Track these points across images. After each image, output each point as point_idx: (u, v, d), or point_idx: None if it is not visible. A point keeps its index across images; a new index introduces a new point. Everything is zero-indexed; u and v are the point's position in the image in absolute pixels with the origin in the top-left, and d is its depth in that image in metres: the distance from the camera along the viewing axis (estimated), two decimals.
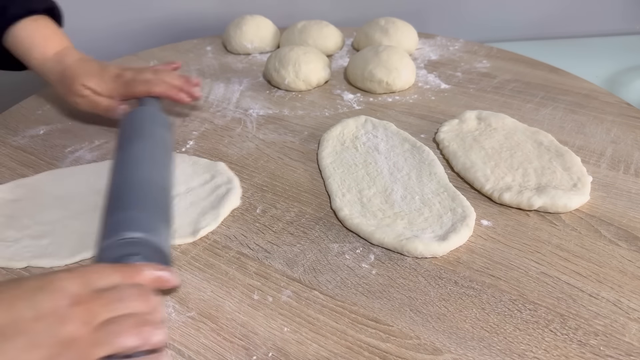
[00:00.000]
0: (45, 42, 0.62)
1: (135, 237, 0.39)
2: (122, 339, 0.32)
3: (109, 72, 0.61)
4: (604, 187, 0.54)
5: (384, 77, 0.73)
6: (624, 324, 0.40)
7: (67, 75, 0.61)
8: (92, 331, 0.32)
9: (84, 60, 0.62)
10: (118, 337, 0.32)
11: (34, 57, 0.62)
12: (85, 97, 0.61)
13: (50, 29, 0.63)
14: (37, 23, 0.62)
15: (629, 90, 0.90)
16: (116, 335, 0.32)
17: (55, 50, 0.62)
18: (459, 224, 0.47)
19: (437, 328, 0.40)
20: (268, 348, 0.38)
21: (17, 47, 0.62)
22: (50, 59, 0.62)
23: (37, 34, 0.62)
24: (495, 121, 0.63)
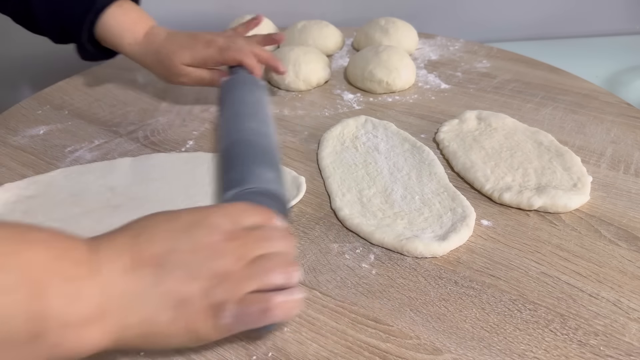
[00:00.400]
0: (134, 26, 0.63)
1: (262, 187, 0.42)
2: (272, 276, 0.33)
3: (200, 41, 0.63)
4: (604, 187, 0.54)
5: (384, 77, 0.73)
6: (624, 324, 0.40)
7: (163, 57, 0.63)
8: (244, 266, 0.33)
9: (172, 35, 0.64)
10: (268, 274, 0.33)
11: (127, 42, 0.63)
12: (187, 75, 0.64)
13: (135, 10, 0.64)
14: (123, 8, 0.63)
15: (629, 90, 0.90)
16: (267, 272, 0.33)
17: (144, 31, 0.63)
18: (459, 224, 0.47)
19: (437, 328, 0.40)
20: (268, 348, 0.38)
21: (108, 36, 0.62)
22: (142, 42, 0.63)
23: (125, 18, 0.62)
24: (495, 121, 0.63)
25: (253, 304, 0.32)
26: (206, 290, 0.31)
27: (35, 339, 0.27)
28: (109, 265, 0.31)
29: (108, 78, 0.80)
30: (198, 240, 0.33)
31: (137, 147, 0.62)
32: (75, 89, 0.76)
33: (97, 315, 0.29)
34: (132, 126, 0.67)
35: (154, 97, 0.74)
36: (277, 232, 0.36)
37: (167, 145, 0.63)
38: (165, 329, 0.31)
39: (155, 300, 0.31)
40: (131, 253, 0.31)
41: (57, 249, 0.30)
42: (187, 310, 0.31)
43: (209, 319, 0.32)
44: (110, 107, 0.72)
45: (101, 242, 0.32)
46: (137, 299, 0.31)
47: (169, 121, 0.68)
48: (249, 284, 0.33)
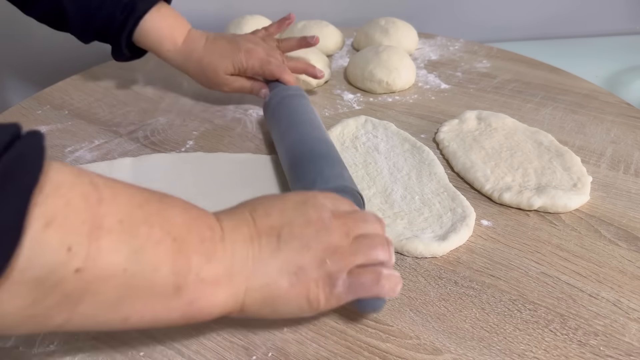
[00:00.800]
0: (173, 32, 0.64)
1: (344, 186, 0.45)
2: (376, 252, 0.36)
3: (242, 49, 0.64)
4: (604, 187, 0.54)
5: (384, 77, 0.73)
6: (624, 324, 0.40)
7: (205, 67, 0.64)
8: (350, 242, 0.36)
9: (211, 42, 0.65)
10: (373, 250, 0.36)
11: (166, 49, 0.64)
12: (230, 85, 0.66)
13: (172, 15, 0.65)
14: (160, 12, 0.63)
15: (629, 90, 0.90)
16: (371, 248, 0.36)
17: (182, 37, 0.64)
18: (458, 224, 0.47)
19: (437, 328, 0.40)
20: (268, 348, 0.38)
21: (146, 41, 0.63)
22: (181, 49, 0.64)
23: (163, 24, 0.63)
24: (495, 121, 0.63)
25: (365, 274, 0.35)
26: (320, 260, 0.34)
27: (175, 292, 0.30)
28: (232, 234, 0.33)
29: (108, 78, 0.80)
30: (308, 216, 0.35)
31: (137, 147, 0.62)
32: (75, 89, 0.76)
33: (226, 277, 0.32)
34: (132, 126, 0.67)
35: (154, 97, 0.74)
36: (371, 215, 0.39)
37: (167, 145, 0.63)
38: (285, 294, 0.33)
39: (276, 267, 0.33)
40: (250, 225, 0.34)
41: (191, 213, 0.33)
42: (304, 277, 0.34)
43: (323, 287, 0.34)
44: (110, 107, 0.72)
45: (222, 215, 0.35)
46: (259, 265, 0.33)
47: (169, 121, 0.68)
48: (357, 257, 0.35)
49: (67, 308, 0.26)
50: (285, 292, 0.33)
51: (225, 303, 0.32)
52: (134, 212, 0.29)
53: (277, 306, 0.34)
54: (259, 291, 0.33)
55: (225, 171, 0.57)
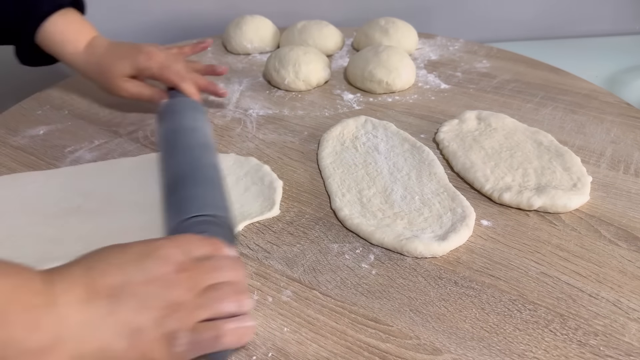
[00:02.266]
0: (77, 35, 0.63)
1: (207, 215, 0.42)
2: (223, 305, 0.34)
3: (142, 52, 0.63)
4: (604, 187, 0.54)
5: (384, 77, 0.73)
6: (623, 324, 0.40)
7: (104, 68, 0.63)
8: (196, 296, 0.34)
9: (113, 46, 0.64)
10: (219, 303, 0.34)
11: (68, 52, 0.63)
12: (127, 90, 0.64)
13: (78, 21, 0.64)
14: (66, 17, 0.63)
15: (629, 90, 0.90)
16: (217, 301, 0.34)
17: (85, 41, 0.64)
18: (458, 224, 0.47)
19: (437, 328, 0.40)
20: (268, 348, 0.38)
21: (49, 44, 0.63)
22: (83, 52, 0.63)
23: (68, 28, 0.63)
24: (495, 121, 0.63)
25: (205, 331, 0.33)
26: (159, 319, 0.32)
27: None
28: (63, 296, 0.31)
29: None
30: (150, 271, 0.33)
31: (137, 148, 0.62)
32: (75, 89, 0.76)
33: (54, 345, 0.30)
34: (132, 126, 0.67)
35: None
36: (227, 262, 0.37)
37: None
38: (121, 357, 0.32)
39: (110, 330, 0.31)
40: (85, 285, 0.32)
41: (14, 279, 0.30)
42: (141, 339, 0.32)
43: (163, 347, 0.32)
44: (110, 108, 0.72)
45: (55, 275, 0.32)
46: (92, 329, 0.31)
47: None
48: (201, 312, 0.34)
49: None
50: (122, 355, 0.32)
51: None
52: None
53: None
54: (93, 356, 0.31)
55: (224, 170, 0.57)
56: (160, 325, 0.32)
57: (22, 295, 0.30)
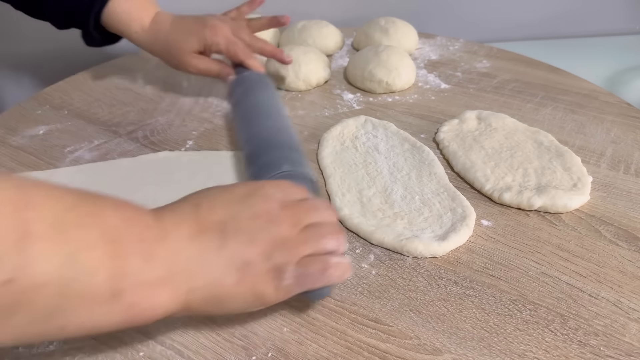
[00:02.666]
0: (141, 13, 0.64)
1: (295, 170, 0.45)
2: (325, 241, 0.35)
3: (208, 26, 0.63)
4: (604, 187, 0.54)
5: (384, 77, 0.73)
6: (624, 324, 0.40)
7: (171, 46, 0.63)
8: (299, 232, 0.35)
9: (178, 21, 0.64)
10: (321, 240, 0.35)
11: (134, 30, 0.64)
12: (195, 66, 0.64)
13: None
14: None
15: (629, 90, 0.90)
16: (320, 238, 0.35)
17: (150, 18, 0.64)
18: (458, 224, 0.47)
19: (437, 328, 0.39)
20: (267, 348, 0.38)
21: (114, 23, 0.63)
22: (149, 30, 0.64)
23: (132, 6, 0.63)
24: (495, 121, 0.63)
25: (312, 264, 0.34)
26: (267, 253, 0.33)
27: (113, 297, 0.28)
28: (174, 232, 0.32)
29: (108, 78, 0.79)
30: (255, 207, 0.35)
31: (136, 147, 0.62)
32: (74, 89, 0.76)
33: (167, 278, 0.31)
34: (131, 126, 0.67)
35: (153, 97, 0.74)
36: (321, 203, 0.38)
37: (167, 145, 0.63)
38: (231, 291, 0.33)
39: (220, 264, 0.32)
40: (194, 221, 0.33)
41: (127, 212, 0.31)
42: (250, 272, 0.33)
43: (271, 280, 0.33)
44: (110, 107, 0.71)
45: (164, 212, 0.33)
46: (202, 263, 0.32)
47: (168, 121, 0.68)
48: (305, 248, 0.35)
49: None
50: (232, 289, 0.33)
51: (168, 304, 0.31)
52: (65, 215, 0.27)
53: (223, 303, 0.33)
54: (204, 289, 0.32)
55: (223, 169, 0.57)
56: (267, 258, 0.33)
57: (136, 227, 0.31)
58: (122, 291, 0.29)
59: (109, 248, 0.28)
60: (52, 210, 0.27)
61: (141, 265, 0.30)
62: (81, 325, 0.29)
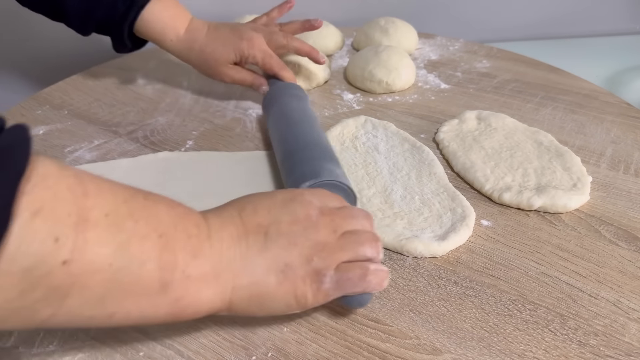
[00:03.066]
0: (175, 21, 0.64)
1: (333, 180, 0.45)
2: (363, 248, 0.36)
3: (244, 38, 0.64)
4: (604, 187, 0.54)
5: (384, 77, 0.73)
6: (623, 324, 0.40)
7: (207, 56, 0.64)
8: (338, 239, 0.36)
9: (213, 30, 0.65)
10: (360, 246, 0.36)
11: (169, 39, 0.64)
12: (231, 76, 0.66)
13: (174, 5, 0.65)
14: (162, 2, 0.63)
15: (629, 90, 0.90)
16: (359, 245, 0.36)
17: (184, 27, 0.64)
18: (458, 224, 0.47)
19: (437, 328, 0.39)
20: (267, 348, 0.38)
21: (148, 32, 0.63)
22: (183, 39, 0.64)
23: (165, 14, 0.63)
24: (495, 121, 0.63)
25: (351, 270, 0.35)
26: (307, 257, 0.34)
27: (162, 289, 0.30)
28: (219, 232, 0.33)
29: (108, 78, 0.80)
30: (295, 213, 0.35)
31: (136, 147, 0.62)
32: (74, 89, 0.76)
33: (213, 274, 0.32)
34: (131, 126, 0.67)
35: (153, 97, 0.74)
36: (359, 212, 0.39)
37: (167, 145, 0.63)
38: (273, 291, 0.34)
39: (263, 264, 0.33)
40: (238, 223, 0.34)
41: (177, 210, 0.32)
42: (291, 274, 0.34)
43: (311, 284, 0.34)
44: (110, 107, 0.72)
45: (209, 214, 0.35)
46: (246, 263, 0.33)
47: (168, 121, 0.68)
48: (343, 254, 0.35)
49: (54, 302, 0.26)
50: (273, 290, 0.34)
51: (213, 301, 0.32)
52: (120, 206, 0.29)
53: (264, 303, 0.34)
54: (246, 289, 0.33)
55: (223, 169, 0.57)
56: (307, 262, 0.34)
57: (185, 223, 0.32)
58: (169, 283, 0.30)
59: (159, 241, 0.29)
60: (108, 201, 0.28)
61: (189, 261, 0.31)
62: (129, 315, 0.30)
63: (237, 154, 0.60)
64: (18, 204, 0.23)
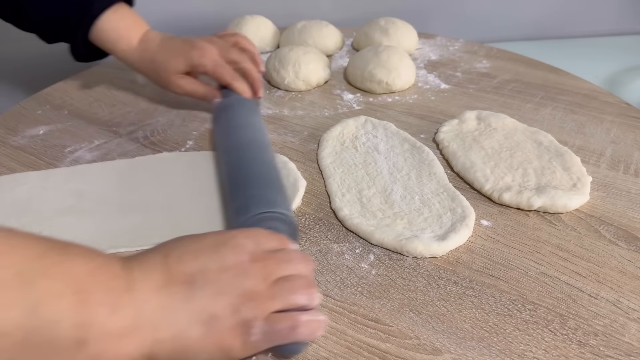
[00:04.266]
0: (129, 32, 0.64)
1: (273, 212, 0.43)
2: (295, 297, 0.34)
3: (196, 47, 0.62)
4: (604, 187, 0.54)
5: (384, 77, 0.73)
6: (623, 324, 0.40)
7: (157, 65, 0.64)
8: (269, 286, 0.34)
9: (165, 41, 0.64)
10: (292, 294, 0.34)
11: (121, 48, 0.64)
12: (181, 87, 0.65)
13: (130, 17, 0.65)
14: (118, 13, 0.63)
15: (629, 90, 0.90)
16: (290, 292, 0.34)
17: (138, 37, 0.64)
18: (458, 224, 0.47)
19: (437, 328, 0.40)
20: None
21: (102, 41, 0.63)
22: (136, 48, 0.64)
23: (120, 24, 0.63)
24: (495, 121, 0.63)
25: (281, 321, 0.33)
26: (234, 307, 0.33)
27: (79, 347, 0.28)
28: (141, 282, 0.32)
29: (108, 78, 0.80)
30: (225, 259, 0.34)
31: (136, 147, 0.62)
32: (75, 89, 0.76)
33: (133, 329, 0.30)
34: (131, 126, 0.67)
35: (153, 97, 0.74)
36: (296, 255, 0.37)
37: (167, 146, 0.63)
38: (197, 344, 0.32)
39: (187, 316, 0.32)
40: (162, 272, 0.33)
41: (96, 262, 0.31)
42: (217, 326, 0.32)
43: (238, 335, 0.33)
44: (110, 107, 0.72)
45: (132, 261, 0.33)
46: (169, 315, 0.31)
47: (168, 121, 0.68)
48: (274, 303, 0.34)
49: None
50: (196, 343, 0.32)
51: (132, 355, 0.30)
52: (32, 264, 0.27)
53: (188, 357, 0.32)
54: (170, 342, 0.31)
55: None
56: (235, 313, 0.32)
57: (104, 277, 0.30)
58: (86, 341, 0.28)
59: (75, 298, 0.28)
60: (18, 259, 0.27)
61: (107, 316, 0.29)
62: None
63: None
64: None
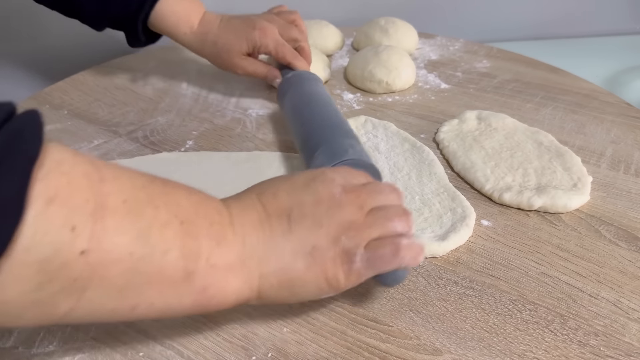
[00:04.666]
0: (188, 14, 0.64)
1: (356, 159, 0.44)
2: (393, 223, 0.34)
3: (257, 27, 0.63)
4: (604, 187, 0.54)
5: (384, 77, 0.73)
6: (624, 324, 0.40)
7: (220, 48, 0.64)
8: (365, 215, 0.34)
9: (225, 22, 0.65)
10: (389, 221, 0.34)
11: (182, 32, 0.64)
12: (244, 68, 0.66)
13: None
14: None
15: (629, 90, 0.90)
16: (387, 220, 0.34)
17: (198, 20, 0.64)
18: (458, 224, 0.47)
19: (437, 328, 0.39)
20: (267, 348, 0.38)
21: (162, 25, 0.63)
22: (197, 31, 0.64)
23: (179, 7, 0.63)
24: (495, 121, 0.63)
25: (383, 246, 0.33)
26: (334, 237, 0.33)
27: (186, 278, 0.28)
28: (240, 218, 0.32)
29: (107, 78, 0.79)
30: (319, 192, 0.34)
31: (136, 147, 0.62)
32: (74, 88, 0.76)
33: (238, 262, 0.31)
34: (131, 126, 0.67)
35: (153, 97, 0.74)
36: (386, 186, 0.37)
37: (167, 145, 0.63)
38: (303, 276, 0.32)
39: (289, 249, 0.32)
40: (259, 208, 0.33)
41: (197, 196, 0.31)
42: (320, 256, 0.32)
43: (341, 265, 0.33)
44: (110, 107, 0.71)
45: (230, 200, 0.34)
46: (272, 248, 0.32)
47: (168, 121, 0.68)
48: (372, 231, 0.34)
49: (73, 294, 0.25)
50: (302, 274, 0.32)
51: (240, 290, 0.31)
52: (138, 193, 0.27)
53: (295, 289, 0.33)
54: (274, 275, 0.32)
55: (223, 169, 0.57)
56: (336, 242, 0.32)
57: (206, 210, 0.31)
58: (194, 272, 0.28)
59: (181, 228, 0.28)
60: (125, 188, 0.27)
61: (213, 248, 0.30)
62: (152, 306, 0.28)
63: (237, 154, 0.60)
64: (32, 191, 0.22)
